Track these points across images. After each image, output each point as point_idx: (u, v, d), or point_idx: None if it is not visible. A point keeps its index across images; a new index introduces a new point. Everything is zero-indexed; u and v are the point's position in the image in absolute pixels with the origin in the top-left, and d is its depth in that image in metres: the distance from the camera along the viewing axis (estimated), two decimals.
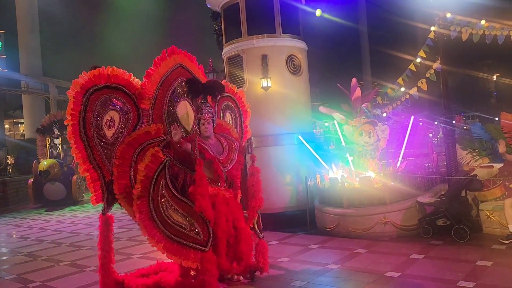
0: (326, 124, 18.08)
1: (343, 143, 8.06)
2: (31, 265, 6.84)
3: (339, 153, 8.27)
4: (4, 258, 7.72)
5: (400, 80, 8.20)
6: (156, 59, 4.99)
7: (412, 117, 7.63)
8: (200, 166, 4.46)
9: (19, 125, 33.28)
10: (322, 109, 8.23)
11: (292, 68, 8.32)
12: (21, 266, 6.81)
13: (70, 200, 15.03)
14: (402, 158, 7.71)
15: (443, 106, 7.36)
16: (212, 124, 4.92)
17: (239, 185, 5.34)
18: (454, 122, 8.63)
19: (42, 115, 21.81)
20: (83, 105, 4.50)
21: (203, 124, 4.87)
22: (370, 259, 5.50)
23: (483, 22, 6.81)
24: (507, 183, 6.21)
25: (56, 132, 15.76)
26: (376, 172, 7.21)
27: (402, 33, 25.11)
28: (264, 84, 8.03)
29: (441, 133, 14.80)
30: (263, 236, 5.29)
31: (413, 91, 7.99)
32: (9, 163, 20.73)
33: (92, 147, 4.55)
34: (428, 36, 7.61)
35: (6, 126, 32.82)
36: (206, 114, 4.87)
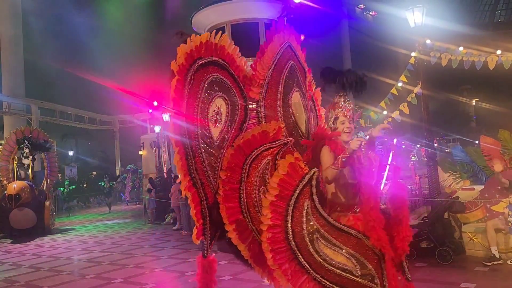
0: None
1: None
2: None
3: None
4: None
5: (382, 104, 8.38)
6: (269, 30, 3.67)
7: (395, 140, 7.77)
8: (368, 179, 3.06)
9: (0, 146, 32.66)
10: None
11: None
12: None
13: (39, 228, 12.88)
14: (385, 180, 7.78)
15: (424, 129, 7.51)
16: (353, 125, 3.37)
17: None
18: (435, 145, 8.79)
19: None
20: (187, 86, 3.13)
21: (343, 123, 3.21)
22: None
23: (461, 48, 7.06)
24: (488, 205, 6.31)
25: (26, 150, 13.54)
26: None
27: (384, 58, 25.74)
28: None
29: (424, 155, 15.04)
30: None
31: (395, 114, 8.16)
32: None
33: (194, 151, 3.12)
34: (409, 61, 7.83)
35: None
36: (349, 111, 3.30)
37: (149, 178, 16.25)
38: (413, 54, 7.66)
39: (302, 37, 4.02)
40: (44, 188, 14.05)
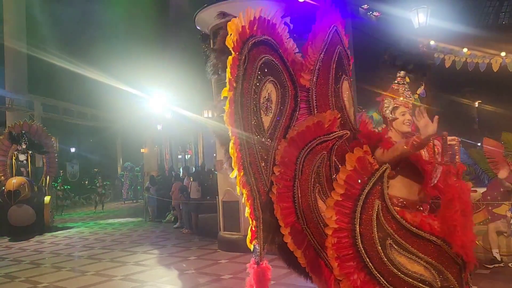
0: None
1: None
2: (8, 287, 6.61)
3: None
4: None
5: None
6: (318, 11, 3.28)
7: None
8: (452, 176, 2.71)
9: None
10: None
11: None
12: None
13: (39, 226, 12.60)
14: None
15: None
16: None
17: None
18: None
19: None
20: (242, 66, 2.79)
21: (403, 114, 2.89)
22: None
23: (465, 50, 7.03)
24: (490, 208, 6.29)
25: (23, 146, 13.14)
26: None
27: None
28: None
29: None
30: None
31: None
32: None
33: (248, 142, 2.81)
34: None
35: None
36: (410, 100, 3.00)
37: (150, 176, 16.27)
38: None
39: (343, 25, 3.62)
40: (44, 185, 13.78)
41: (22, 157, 13.41)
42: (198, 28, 9.33)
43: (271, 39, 2.95)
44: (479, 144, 11.19)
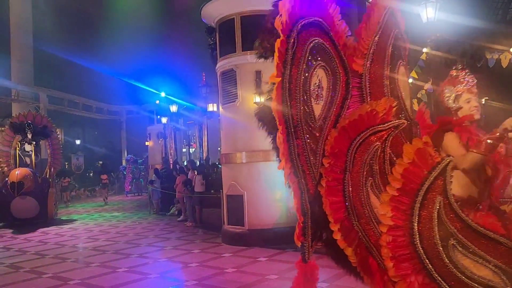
0: None
1: None
2: (13, 276, 6.66)
3: None
4: None
5: None
6: None
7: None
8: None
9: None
10: None
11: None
12: (3, 278, 6.62)
13: (42, 218, 12.44)
14: None
15: None
16: None
17: None
18: None
19: None
20: (290, 50, 2.60)
21: (468, 101, 2.73)
22: None
23: None
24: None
25: (28, 136, 12.99)
26: None
27: None
28: (257, 99, 8.04)
29: None
30: None
31: None
32: None
33: (296, 133, 2.64)
34: (420, 57, 7.72)
35: None
36: (473, 86, 2.79)
37: (155, 169, 16.30)
38: (424, 50, 7.56)
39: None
40: (48, 176, 13.62)
41: (28, 148, 13.24)
42: (204, 21, 9.28)
43: (322, 20, 2.71)
44: None
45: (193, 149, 23.78)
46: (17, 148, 13.21)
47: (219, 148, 14.26)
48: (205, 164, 14.88)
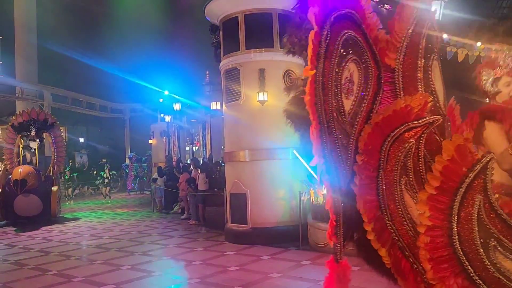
0: None
1: None
2: (18, 273, 6.69)
3: None
4: None
5: None
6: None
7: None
8: None
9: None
10: None
11: (289, 83, 8.34)
12: (7, 275, 6.66)
13: (45, 216, 12.36)
14: None
15: None
16: None
17: None
18: None
19: None
20: (323, 42, 2.52)
21: (508, 85, 2.71)
22: (363, 277, 5.43)
23: (479, 44, 6.91)
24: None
25: (33, 133, 12.94)
26: None
27: None
28: (261, 98, 8.04)
29: None
30: None
31: None
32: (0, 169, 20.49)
33: (329, 128, 2.56)
34: None
35: None
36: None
37: (158, 167, 16.34)
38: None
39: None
40: (51, 174, 13.50)
41: (33, 145, 13.16)
42: (207, 19, 9.28)
43: (354, 12, 2.62)
44: None
45: (197, 147, 23.81)
46: (21, 146, 13.12)
47: (222, 147, 14.27)
48: (209, 163, 14.89)
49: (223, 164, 11.98)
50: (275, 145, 8.07)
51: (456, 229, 2.21)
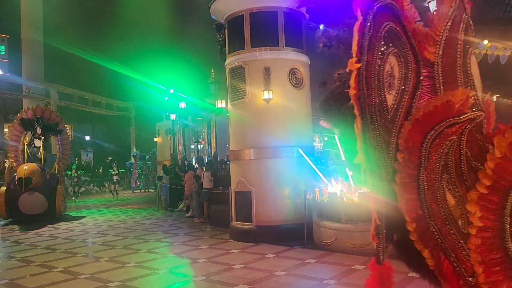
0: (326, 138, 18.08)
1: (343, 158, 8.04)
2: (24, 270, 6.75)
3: (339, 167, 8.25)
4: None
5: None
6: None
7: None
8: None
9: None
10: (323, 123, 8.22)
11: (294, 81, 8.34)
12: (14, 271, 6.72)
13: (50, 214, 12.26)
14: None
15: None
16: None
17: None
18: None
19: None
20: (367, 34, 2.44)
21: None
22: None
23: (485, 42, 6.86)
24: None
25: (38, 131, 12.90)
26: None
27: None
28: (266, 96, 8.04)
29: None
30: None
31: None
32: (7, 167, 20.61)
33: (372, 124, 2.47)
34: None
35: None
36: None
37: (163, 165, 16.38)
38: None
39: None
40: (56, 172, 13.41)
41: (37, 143, 13.12)
42: (213, 17, 9.29)
43: (394, 3, 2.52)
44: None
45: (202, 146, 23.83)
46: (25, 143, 13.02)
47: (227, 145, 14.28)
48: (214, 161, 14.92)
49: (228, 162, 12.00)
50: (280, 143, 8.07)
51: (508, 230, 2.10)
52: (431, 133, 2.36)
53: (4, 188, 11.94)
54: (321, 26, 4.03)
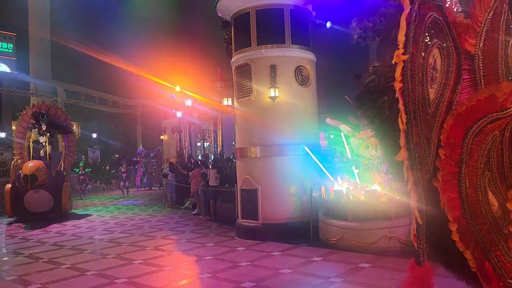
0: (332, 136, 18.01)
1: (349, 156, 8.01)
2: (32, 266, 6.81)
3: (345, 165, 8.23)
4: (5, 259, 7.70)
5: None
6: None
7: None
8: None
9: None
10: (329, 121, 8.20)
11: (300, 79, 8.32)
12: (22, 268, 6.78)
13: (56, 212, 12.08)
14: None
15: None
16: None
17: None
18: None
19: None
20: (412, 25, 2.33)
21: None
22: (374, 274, 5.42)
23: None
24: None
25: (43, 128, 12.60)
26: (382, 186, 7.15)
27: None
28: (272, 94, 8.02)
29: None
30: None
31: None
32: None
33: (415, 118, 2.35)
34: None
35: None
36: None
37: (170, 163, 16.43)
38: None
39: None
40: (62, 169, 13.25)
41: (42, 139, 12.84)
42: (219, 15, 9.28)
43: None
44: None
45: (208, 143, 23.87)
46: (31, 140, 12.88)
47: (233, 142, 14.28)
48: (220, 158, 14.94)
49: (234, 160, 12.01)
50: (286, 141, 8.06)
51: None
52: (473, 129, 2.27)
53: (9, 185, 11.85)
54: (328, 24, 3.97)
